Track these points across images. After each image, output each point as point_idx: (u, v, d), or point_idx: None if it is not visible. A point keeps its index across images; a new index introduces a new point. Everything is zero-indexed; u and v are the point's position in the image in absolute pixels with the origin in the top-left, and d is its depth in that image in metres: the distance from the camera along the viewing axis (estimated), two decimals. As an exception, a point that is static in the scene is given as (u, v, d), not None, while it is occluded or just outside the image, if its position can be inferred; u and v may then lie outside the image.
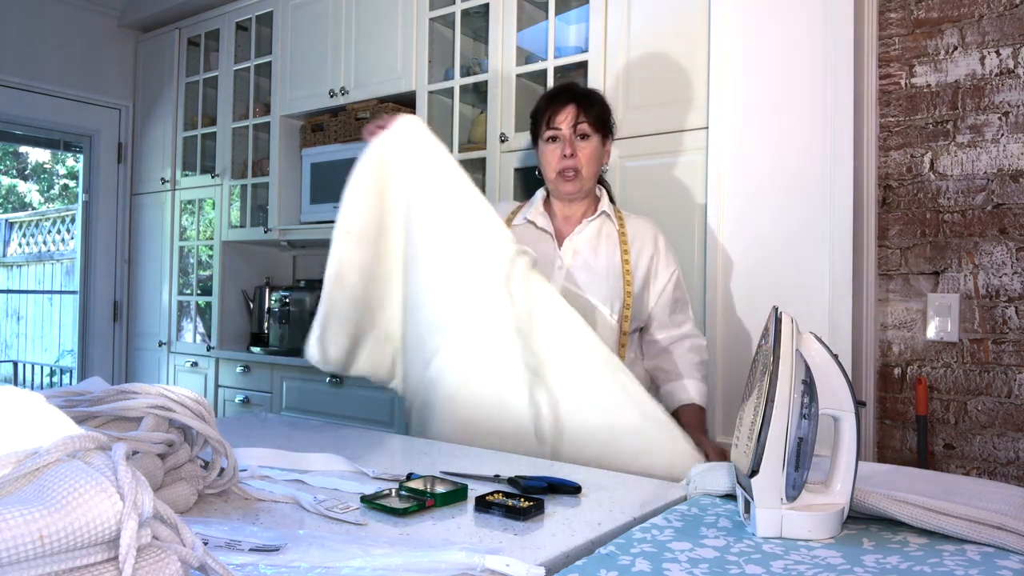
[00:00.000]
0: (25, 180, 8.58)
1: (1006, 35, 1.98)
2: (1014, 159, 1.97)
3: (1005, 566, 0.74)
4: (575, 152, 1.64)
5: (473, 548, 0.73)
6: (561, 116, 1.64)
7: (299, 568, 0.69)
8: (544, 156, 1.69)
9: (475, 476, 1.08)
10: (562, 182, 1.66)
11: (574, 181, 1.65)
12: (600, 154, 1.69)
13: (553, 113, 1.65)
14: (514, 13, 2.58)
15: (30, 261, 6.96)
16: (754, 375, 0.88)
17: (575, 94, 1.68)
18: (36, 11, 3.66)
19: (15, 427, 0.52)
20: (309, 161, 3.24)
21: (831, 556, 0.77)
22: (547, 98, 1.70)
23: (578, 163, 1.64)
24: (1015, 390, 1.95)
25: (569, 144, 1.63)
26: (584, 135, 1.65)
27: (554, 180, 1.67)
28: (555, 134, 1.65)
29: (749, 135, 2.01)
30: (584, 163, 1.64)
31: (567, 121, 1.64)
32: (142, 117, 3.99)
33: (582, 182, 1.66)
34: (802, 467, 0.83)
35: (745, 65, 2.02)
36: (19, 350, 6.95)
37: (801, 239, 1.91)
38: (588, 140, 1.65)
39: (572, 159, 1.63)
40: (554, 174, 1.66)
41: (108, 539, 0.46)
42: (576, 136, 1.64)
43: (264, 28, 3.46)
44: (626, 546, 0.79)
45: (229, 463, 0.94)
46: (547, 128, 1.66)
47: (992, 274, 1.99)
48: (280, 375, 3.13)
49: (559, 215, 1.73)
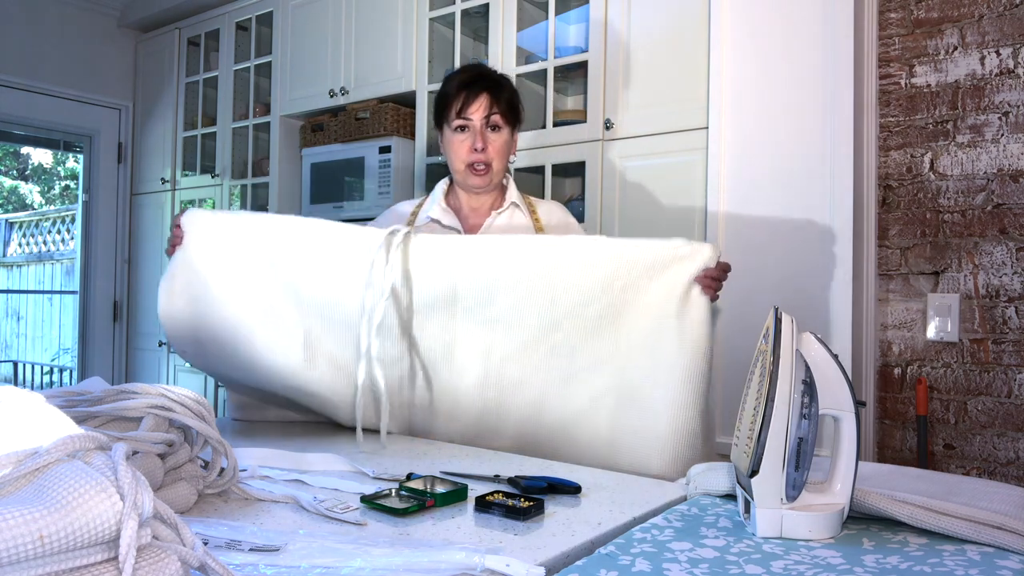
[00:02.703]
0: (26, 181, 8.58)
1: (1006, 35, 1.98)
2: (1014, 159, 1.97)
3: (1005, 566, 0.74)
4: (486, 145, 1.57)
5: (473, 548, 0.73)
6: (473, 107, 1.56)
7: (299, 568, 0.69)
8: (452, 146, 1.60)
9: (475, 476, 1.08)
10: (471, 175, 1.59)
11: (485, 175, 1.59)
12: (510, 145, 1.63)
13: (465, 103, 1.57)
14: (514, 13, 2.58)
15: (30, 261, 6.96)
16: (754, 375, 0.88)
17: (488, 82, 1.60)
18: (36, 11, 3.66)
19: (15, 427, 0.52)
20: (309, 161, 3.24)
21: (831, 556, 0.77)
22: (458, 84, 1.59)
23: (489, 156, 1.58)
24: (1015, 390, 1.95)
25: (480, 137, 1.57)
26: (495, 126, 1.59)
27: (463, 172, 1.60)
28: (465, 124, 1.57)
29: (749, 135, 2.01)
30: (495, 156, 1.59)
31: (479, 112, 1.56)
32: (142, 117, 3.99)
33: (492, 176, 1.61)
34: (802, 467, 0.83)
35: (745, 65, 2.02)
36: (19, 350, 6.95)
37: (801, 239, 1.91)
38: (499, 132, 1.59)
39: (483, 152, 1.57)
40: (463, 166, 1.59)
41: (108, 539, 0.46)
42: (487, 128, 1.58)
43: (264, 28, 3.46)
44: (626, 546, 0.79)
45: (229, 463, 0.94)
46: (457, 117, 1.58)
47: (992, 274, 1.99)
48: (280, 375, 3.13)
49: (465, 207, 1.67)
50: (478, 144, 1.57)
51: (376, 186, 2.98)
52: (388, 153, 2.95)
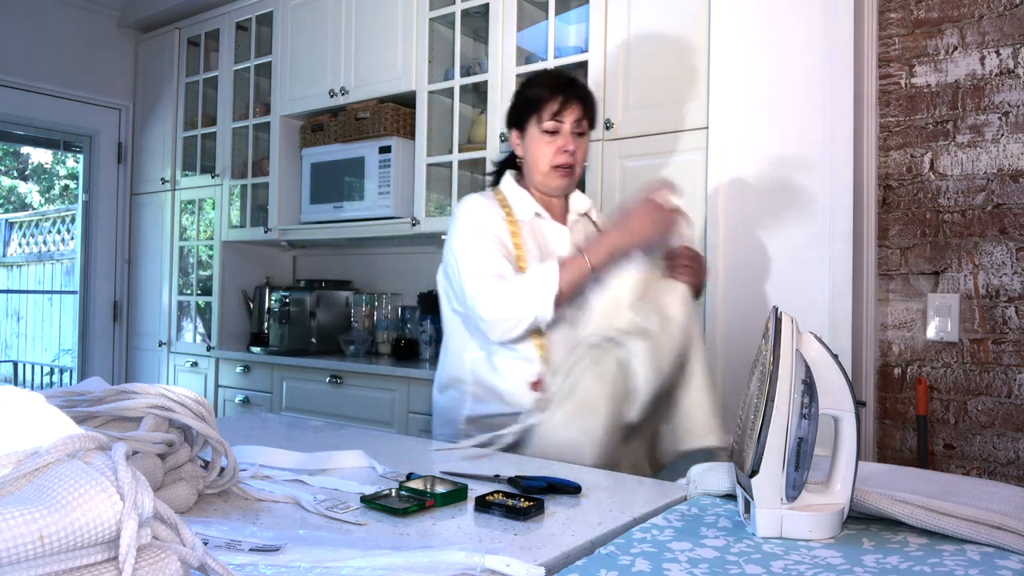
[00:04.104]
0: (26, 180, 8.58)
1: (1006, 35, 1.98)
2: (1014, 159, 1.97)
3: (1005, 566, 0.74)
4: (576, 149, 1.61)
5: (473, 548, 0.73)
6: (569, 112, 1.60)
7: (299, 568, 0.69)
8: (539, 147, 1.62)
9: (475, 476, 1.08)
10: (558, 177, 1.62)
11: (569, 178, 1.63)
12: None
13: (562, 107, 1.60)
14: (514, 13, 2.58)
15: (30, 261, 6.95)
16: (754, 375, 0.88)
17: (582, 90, 1.64)
18: (36, 11, 3.66)
19: (15, 427, 0.52)
20: (309, 161, 3.24)
21: (831, 556, 0.77)
22: (554, 88, 1.62)
23: (577, 159, 1.62)
24: (1015, 390, 1.95)
25: (571, 140, 1.60)
26: (582, 133, 1.63)
27: (547, 174, 1.62)
28: (557, 127, 1.60)
29: (749, 135, 2.01)
30: (579, 161, 1.63)
31: (572, 116, 1.60)
32: (142, 117, 3.99)
33: (574, 180, 1.65)
34: (802, 467, 0.83)
35: (745, 65, 2.02)
36: (19, 350, 6.95)
37: (801, 239, 1.91)
38: (583, 138, 1.64)
39: (572, 155, 1.61)
40: (548, 168, 1.62)
41: (108, 539, 0.46)
42: (575, 133, 1.62)
43: (264, 28, 3.46)
44: (626, 546, 0.79)
45: (229, 463, 0.93)
46: (549, 120, 1.60)
47: (992, 274, 1.99)
48: (280, 375, 3.13)
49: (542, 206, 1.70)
50: (569, 147, 1.60)
51: (376, 186, 2.98)
52: (388, 153, 2.95)
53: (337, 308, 3.42)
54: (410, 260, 3.39)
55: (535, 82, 1.67)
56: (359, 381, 2.85)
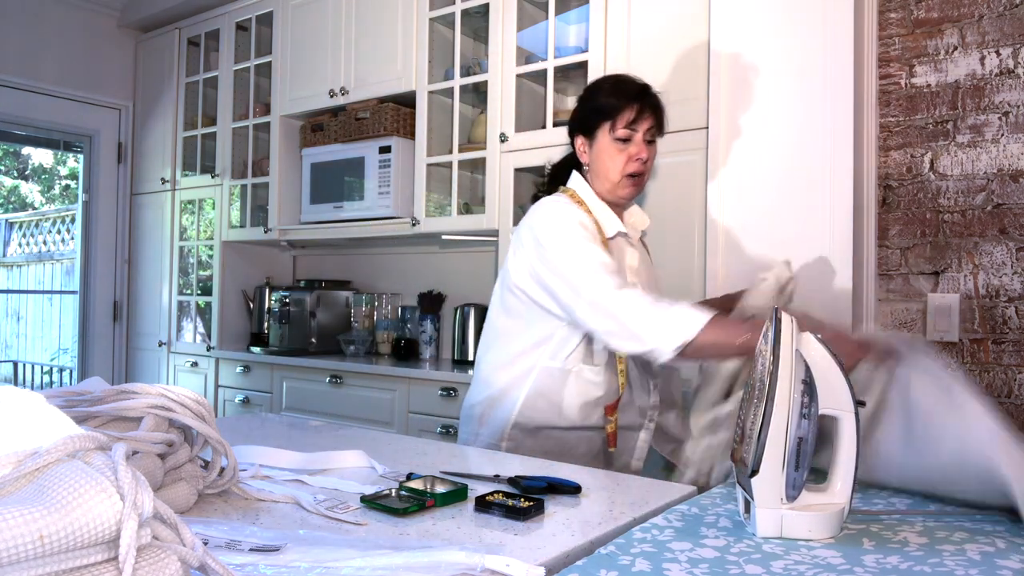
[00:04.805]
0: (26, 180, 8.58)
1: (1006, 35, 1.98)
2: (1014, 159, 1.97)
3: (1005, 566, 0.74)
4: (648, 158, 1.59)
5: (473, 548, 0.73)
6: (643, 120, 1.56)
7: (299, 568, 0.69)
8: (610, 154, 1.57)
9: (475, 476, 1.08)
10: (627, 185, 1.58)
11: (638, 186, 1.60)
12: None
13: (638, 116, 1.56)
14: (514, 13, 2.58)
15: (30, 261, 6.95)
16: (754, 375, 0.88)
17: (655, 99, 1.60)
18: (36, 11, 3.66)
19: (15, 427, 0.52)
20: (309, 161, 3.24)
21: (831, 556, 0.77)
22: (626, 96, 1.57)
23: (648, 168, 1.60)
24: (1015, 390, 1.95)
25: (644, 148, 1.57)
26: (651, 141, 1.60)
27: (617, 182, 1.58)
28: (630, 135, 1.56)
29: (749, 135, 2.01)
30: (648, 170, 1.61)
31: (645, 125, 1.57)
32: (142, 117, 3.99)
33: (641, 188, 1.63)
34: (802, 467, 0.83)
35: (745, 65, 2.02)
36: (19, 350, 6.94)
37: (801, 239, 1.91)
38: (653, 146, 1.61)
39: (644, 164, 1.58)
40: (619, 176, 1.57)
41: (108, 539, 0.46)
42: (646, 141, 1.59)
43: (264, 28, 3.46)
44: (626, 546, 0.79)
45: (229, 463, 0.93)
46: (624, 128, 1.56)
47: (992, 274, 1.99)
48: (280, 375, 3.14)
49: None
50: (642, 155, 1.57)
51: (376, 186, 2.98)
52: (388, 153, 2.95)
53: (337, 308, 3.42)
54: (410, 260, 3.39)
55: (606, 89, 1.62)
56: (359, 381, 2.85)
